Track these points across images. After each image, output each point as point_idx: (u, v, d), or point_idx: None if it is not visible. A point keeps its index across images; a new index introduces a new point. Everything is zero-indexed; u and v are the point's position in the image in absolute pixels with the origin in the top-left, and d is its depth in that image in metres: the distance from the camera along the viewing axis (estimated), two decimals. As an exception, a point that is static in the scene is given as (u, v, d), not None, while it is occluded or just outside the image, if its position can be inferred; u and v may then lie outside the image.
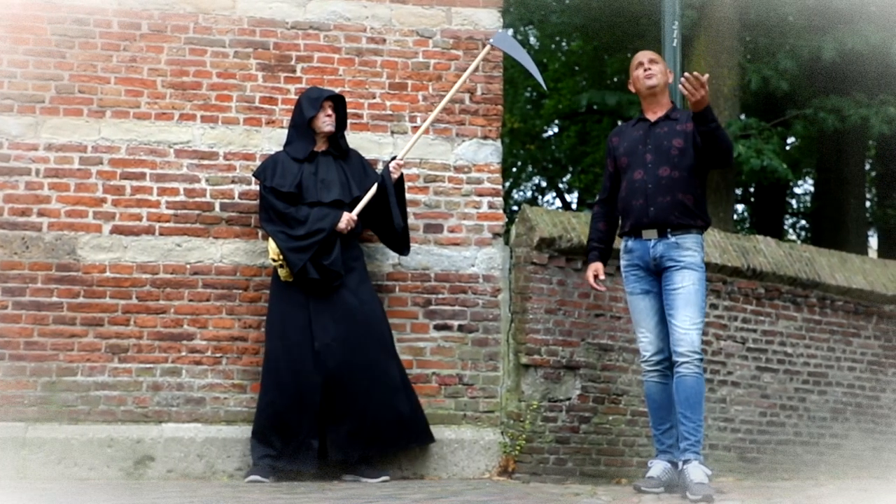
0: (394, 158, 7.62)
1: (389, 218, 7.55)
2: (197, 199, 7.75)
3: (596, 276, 7.18)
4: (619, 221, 7.15)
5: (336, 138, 7.65)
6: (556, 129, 23.42)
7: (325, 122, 7.57)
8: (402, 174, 7.63)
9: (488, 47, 7.96)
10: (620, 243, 7.07)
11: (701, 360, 6.63)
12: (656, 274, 6.83)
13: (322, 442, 7.36)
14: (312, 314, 7.34)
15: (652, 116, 7.01)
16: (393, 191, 7.53)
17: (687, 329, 6.62)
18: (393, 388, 7.47)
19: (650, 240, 6.81)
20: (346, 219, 7.40)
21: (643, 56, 7.09)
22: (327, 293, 7.36)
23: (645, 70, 7.00)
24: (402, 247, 7.71)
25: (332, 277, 7.34)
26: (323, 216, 7.37)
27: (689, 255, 6.74)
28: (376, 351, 7.45)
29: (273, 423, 7.30)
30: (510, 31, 17.95)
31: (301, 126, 7.56)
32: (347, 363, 7.34)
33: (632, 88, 7.17)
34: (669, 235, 6.76)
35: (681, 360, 6.60)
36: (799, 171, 21.34)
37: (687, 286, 6.68)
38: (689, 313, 6.64)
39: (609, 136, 7.29)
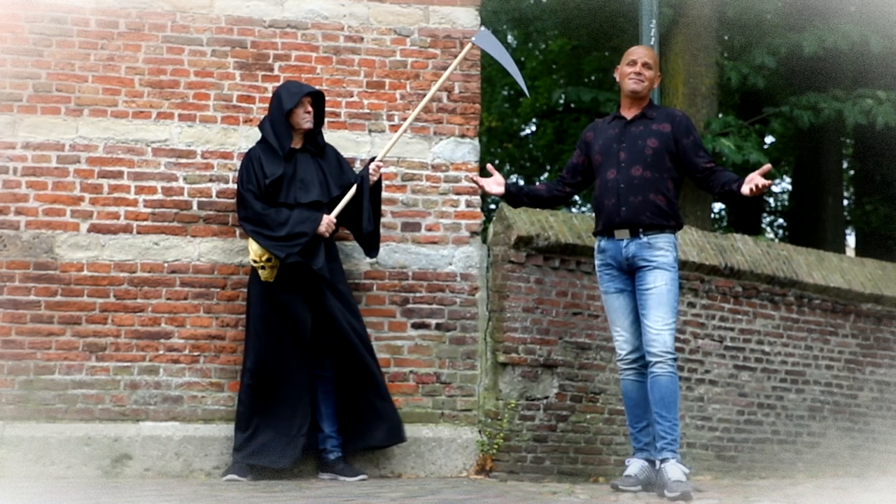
0: (373, 159, 7.60)
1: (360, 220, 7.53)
2: (174, 198, 7.73)
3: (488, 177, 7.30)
4: (555, 199, 7.29)
5: (313, 135, 7.62)
6: (533, 128, 23.40)
7: (305, 118, 7.51)
8: (380, 175, 7.61)
9: (470, 45, 7.87)
10: (595, 243, 7.06)
11: (674, 359, 6.65)
12: (629, 273, 6.84)
13: (309, 440, 7.39)
14: (294, 313, 7.34)
15: (628, 115, 6.98)
16: (368, 194, 7.50)
17: (659, 330, 6.63)
18: (375, 385, 7.50)
19: (622, 240, 6.81)
20: (327, 222, 7.36)
21: (640, 55, 6.98)
22: (307, 292, 7.36)
23: (636, 74, 6.91)
24: (371, 248, 7.67)
25: (316, 279, 7.32)
26: (304, 219, 7.33)
27: (662, 254, 6.74)
28: (359, 348, 7.47)
29: (255, 422, 7.30)
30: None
31: (279, 120, 7.49)
32: (333, 360, 7.44)
33: (616, 77, 7.09)
34: (641, 235, 6.76)
35: (654, 360, 6.62)
36: (777, 170, 21.37)
37: (659, 286, 6.68)
38: (662, 314, 6.65)
39: (584, 129, 7.26)
